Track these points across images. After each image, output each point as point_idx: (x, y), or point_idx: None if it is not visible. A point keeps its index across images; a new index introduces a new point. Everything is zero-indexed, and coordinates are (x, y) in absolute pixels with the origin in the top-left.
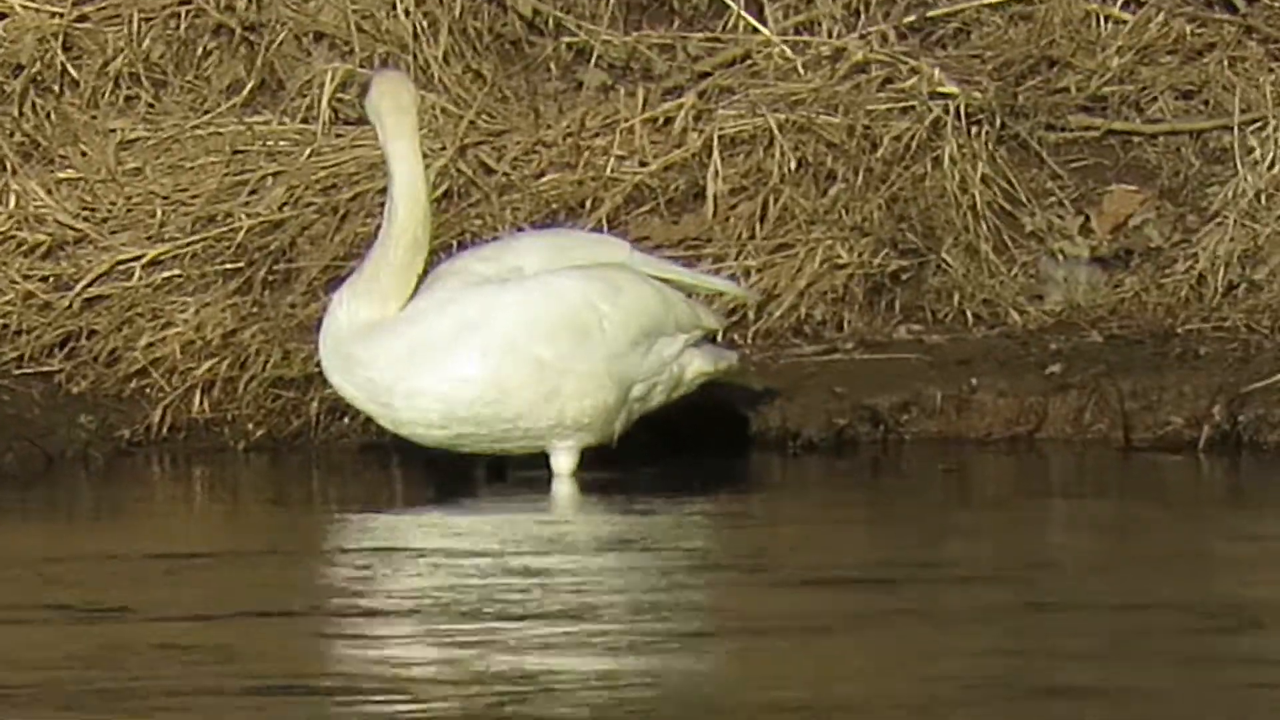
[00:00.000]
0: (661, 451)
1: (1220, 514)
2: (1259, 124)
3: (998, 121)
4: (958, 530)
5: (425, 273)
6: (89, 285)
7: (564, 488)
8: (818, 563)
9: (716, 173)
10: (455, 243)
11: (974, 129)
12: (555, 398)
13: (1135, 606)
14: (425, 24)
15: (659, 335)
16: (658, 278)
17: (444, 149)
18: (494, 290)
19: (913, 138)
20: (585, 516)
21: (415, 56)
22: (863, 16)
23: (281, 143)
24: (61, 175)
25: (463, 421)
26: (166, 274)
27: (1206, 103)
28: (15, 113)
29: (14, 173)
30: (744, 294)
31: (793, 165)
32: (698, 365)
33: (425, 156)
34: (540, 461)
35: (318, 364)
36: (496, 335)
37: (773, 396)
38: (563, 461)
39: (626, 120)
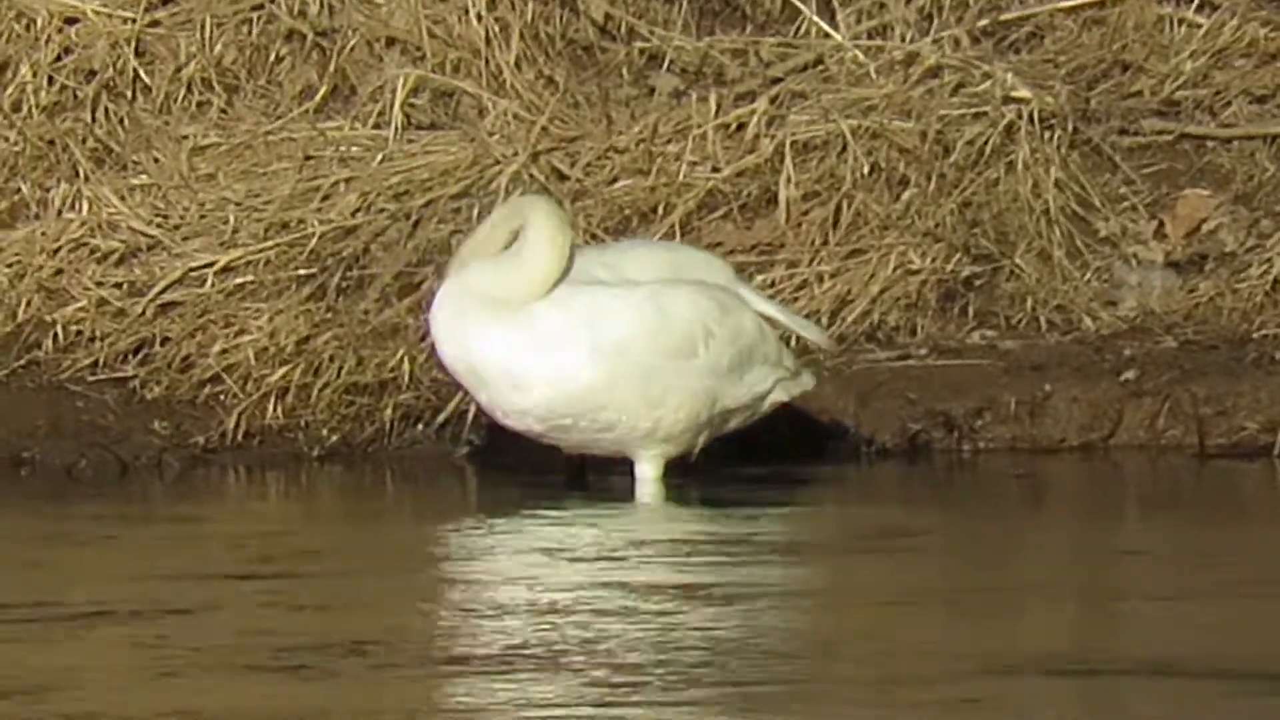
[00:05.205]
0: (737, 457)
1: None
2: None
3: (1070, 126)
4: (1031, 539)
5: None
6: (162, 292)
7: (648, 495)
8: (889, 581)
9: (789, 178)
10: None
11: (1047, 134)
12: (656, 406)
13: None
14: (497, 29)
15: (751, 363)
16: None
17: (516, 155)
18: (611, 293)
19: (986, 143)
20: (666, 526)
21: (487, 62)
22: (935, 21)
23: (354, 148)
24: (134, 182)
25: (562, 415)
26: (240, 280)
27: None
28: (88, 119)
29: (87, 179)
30: (825, 342)
31: (865, 171)
32: (775, 395)
33: (497, 163)
34: (618, 465)
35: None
36: (610, 336)
37: (846, 403)
38: (647, 469)
39: (699, 126)
